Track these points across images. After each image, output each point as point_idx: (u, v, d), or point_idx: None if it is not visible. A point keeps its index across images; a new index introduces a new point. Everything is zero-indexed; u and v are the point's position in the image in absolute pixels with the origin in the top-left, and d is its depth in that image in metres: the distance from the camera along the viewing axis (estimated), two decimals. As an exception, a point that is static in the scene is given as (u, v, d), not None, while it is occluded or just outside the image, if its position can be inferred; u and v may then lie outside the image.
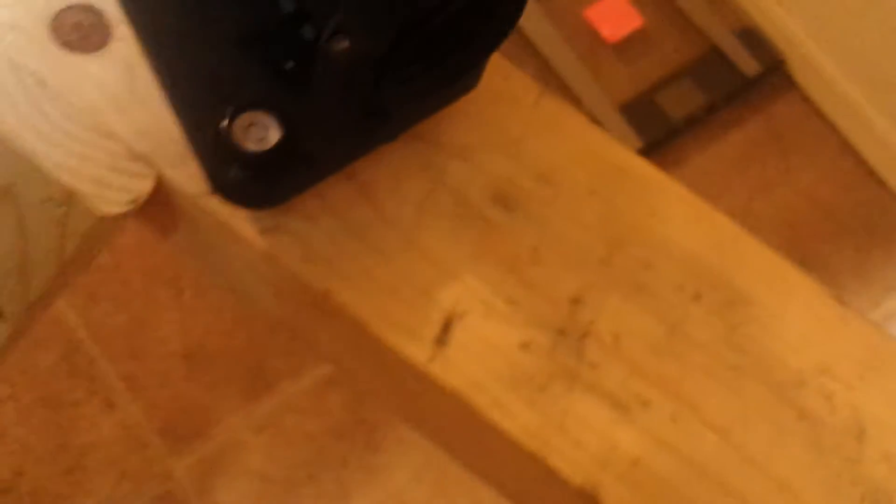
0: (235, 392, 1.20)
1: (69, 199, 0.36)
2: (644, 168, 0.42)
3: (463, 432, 0.39)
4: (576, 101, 1.35)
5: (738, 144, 1.41)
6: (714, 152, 1.40)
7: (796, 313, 0.41)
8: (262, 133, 0.35)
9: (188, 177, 0.37)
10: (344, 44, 0.28)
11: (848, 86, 1.39)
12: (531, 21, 1.34)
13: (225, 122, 0.35)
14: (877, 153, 1.40)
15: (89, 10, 0.38)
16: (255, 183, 0.35)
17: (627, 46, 1.39)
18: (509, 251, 0.39)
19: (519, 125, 0.42)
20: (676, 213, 0.42)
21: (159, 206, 0.39)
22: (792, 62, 1.43)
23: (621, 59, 1.39)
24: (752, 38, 1.42)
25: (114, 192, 0.37)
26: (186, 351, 1.21)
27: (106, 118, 0.37)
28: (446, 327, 0.37)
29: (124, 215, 0.38)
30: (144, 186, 0.37)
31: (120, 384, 1.18)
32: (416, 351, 0.37)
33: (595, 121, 1.36)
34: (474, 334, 0.38)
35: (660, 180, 0.42)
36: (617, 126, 1.33)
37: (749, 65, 1.41)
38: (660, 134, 1.34)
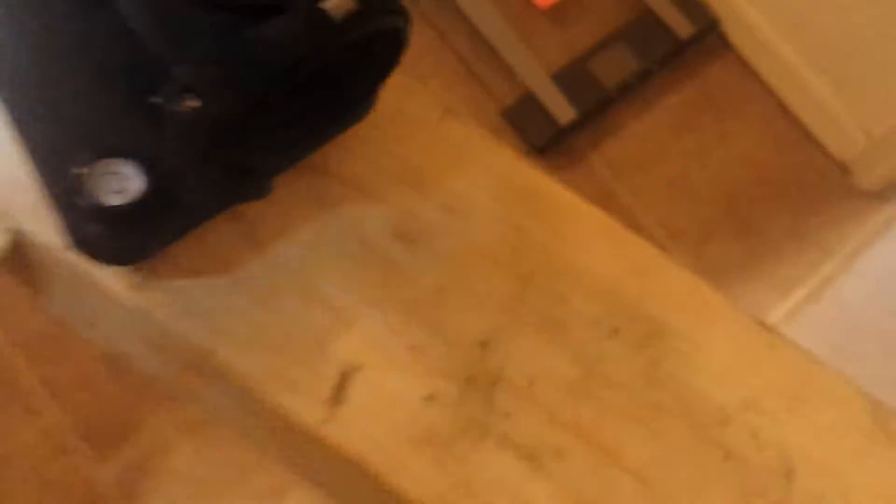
0: (161, 393, 1.15)
1: None
2: (556, 191, 0.39)
3: (365, 496, 0.36)
4: (507, 70, 1.31)
5: (674, 109, 1.39)
6: (650, 119, 1.37)
7: (719, 343, 0.38)
8: (122, 183, 0.31)
9: (48, 229, 0.33)
10: (192, 104, 0.24)
11: (783, 46, 1.37)
12: (459, -10, 1.30)
13: (80, 171, 0.31)
14: (812, 114, 1.39)
15: (-80, 45, 0.33)
16: (116, 239, 0.31)
17: (559, 12, 1.35)
18: (412, 292, 0.36)
19: (420, 149, 0.38)
20: (591, 239, 0.39)
21: (21, 260, 0.35)
22: (726, 23, 1.40)
23: (553, 26, 1.35)
24: None
25: (-37, 249, 0.33)
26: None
27: (-55, 169, 0.33)
28: (342, 383, 0.34)
29: (-20, 272, 0.34)
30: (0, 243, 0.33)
31: (41, 389, 1.13)
32: (308, 412, 0.34)
33: (528, 91, 1.32)
34: (373, 388, 0.34)
35: (572, 203, 0.39)
36: (550, 95, 1.29)
37: (683, 27, 1.38)
38: (594, 102, 1.31)
